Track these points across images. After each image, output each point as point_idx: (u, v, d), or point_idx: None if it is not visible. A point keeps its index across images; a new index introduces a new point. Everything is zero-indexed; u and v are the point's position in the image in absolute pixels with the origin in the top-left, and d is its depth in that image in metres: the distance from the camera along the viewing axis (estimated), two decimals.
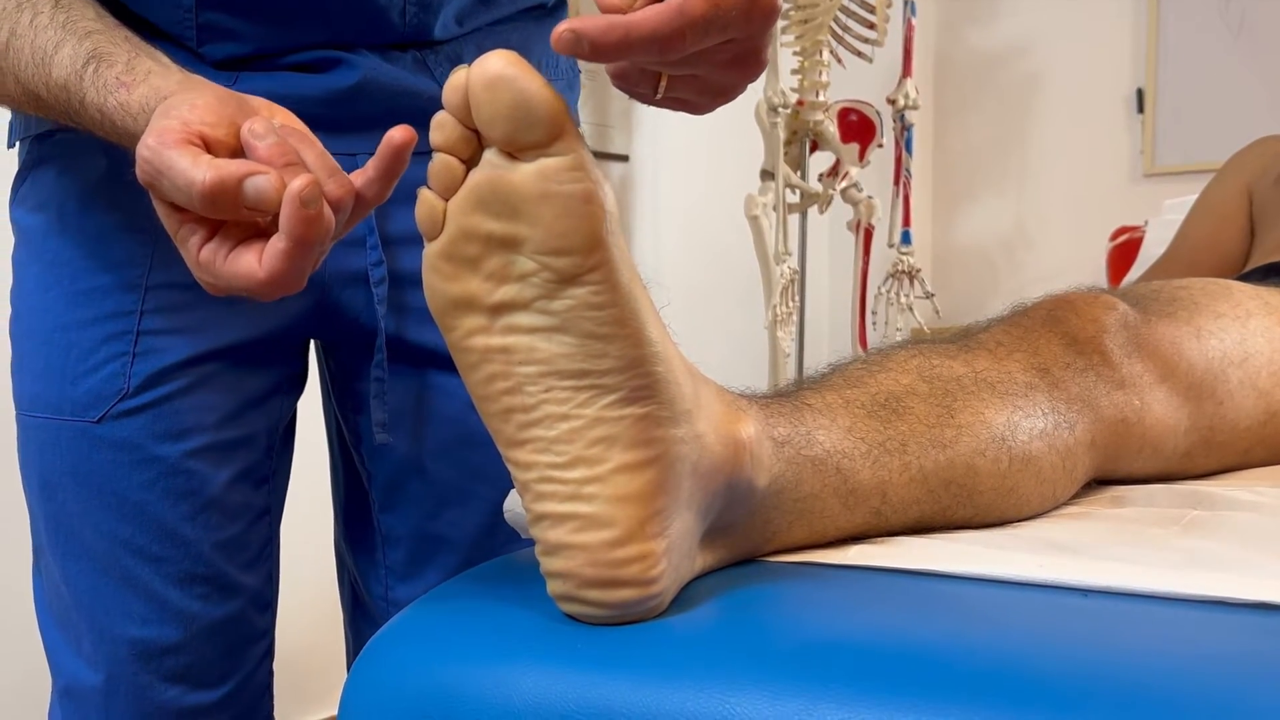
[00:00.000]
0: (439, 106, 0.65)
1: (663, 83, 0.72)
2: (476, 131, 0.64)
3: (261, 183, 0.72)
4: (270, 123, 0.77)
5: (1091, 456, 0.97)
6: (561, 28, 0.65)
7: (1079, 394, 0.96)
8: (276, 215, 0.73)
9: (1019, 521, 0.91)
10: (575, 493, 0.66)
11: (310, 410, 1.21)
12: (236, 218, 0.75)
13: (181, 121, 0.76)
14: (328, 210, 0.74)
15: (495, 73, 0.62)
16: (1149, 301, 1.11)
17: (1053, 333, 1.00)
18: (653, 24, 0.65)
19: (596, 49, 0.66)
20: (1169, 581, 0.70)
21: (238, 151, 0.76)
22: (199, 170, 0.72)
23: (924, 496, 0.85)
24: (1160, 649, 0.62)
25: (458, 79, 0.63)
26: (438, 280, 0.67)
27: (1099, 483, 1.04)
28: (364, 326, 1.09)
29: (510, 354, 0.66)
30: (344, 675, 1.22)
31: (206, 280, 0.77)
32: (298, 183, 0.71)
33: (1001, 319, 1.04)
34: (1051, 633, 0.66)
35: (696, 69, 0.70)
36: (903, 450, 0.84)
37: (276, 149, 0.75)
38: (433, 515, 1.14)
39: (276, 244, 0.73)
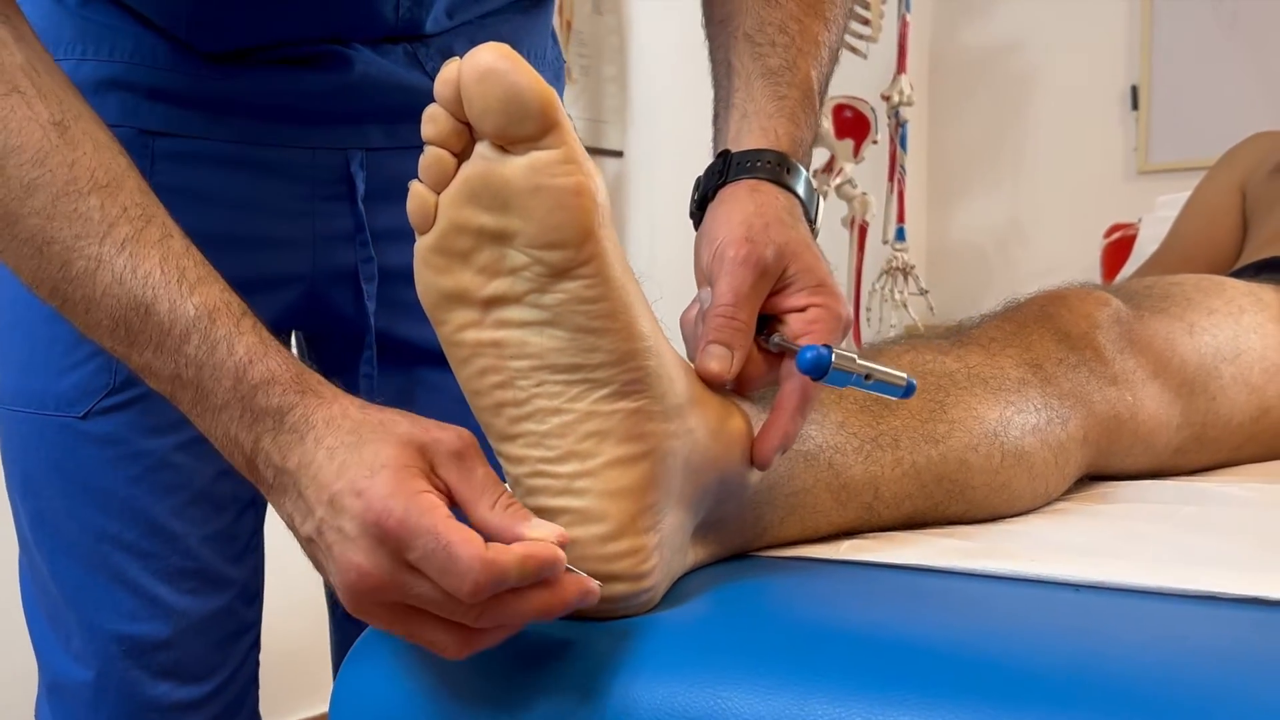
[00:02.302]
0: (430, 101, 0.65)
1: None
2: (468, 124, 0.64)
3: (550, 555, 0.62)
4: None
5: (1084, 452, 0.97)
6: (769, 455, 0.74)
7: (1071, 389, 0.97)
8: None
9: (1011, 517, 0.91)
10: (567, 487, 0.66)
11: None
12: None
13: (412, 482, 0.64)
14: None
15: (487, 65, 0.61)
16: (1142, 297, 1.12)
17: (1045, 328, 1.00)
18: (798, 422, 0.75)
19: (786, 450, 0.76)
20: (1160, 577, 0.70)
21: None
22: (475, 548, 0.60)
23: (916, 491, 0.86)
24: (1150, 644, 0.63)
25: (449, 72, 0.63)
26: (429, 274, 0.67)
27: (1091, 478, 1.04)
28: (352, 321, 1.08)
29: (502, 348, 0.66)
30: (331, 670, 1.22)
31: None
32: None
33: (995, 314, 1.04)
34: (1042, 628, 0.66)
35: None
36: (895, 445, 0.84)
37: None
38: None
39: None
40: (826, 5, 0.92)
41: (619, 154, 3.19)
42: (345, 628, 1.21)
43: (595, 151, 3.12)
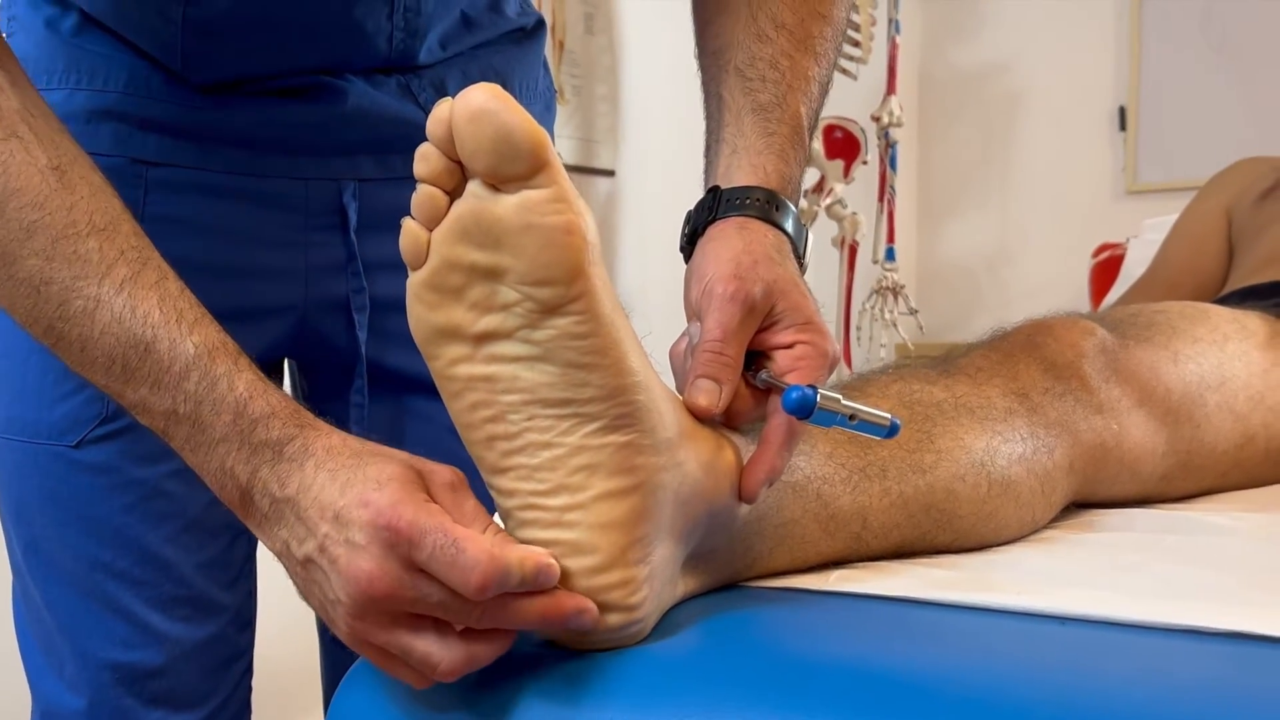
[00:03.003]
0: (423, 133, 0.66)
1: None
2: (460, 163, 0.65)
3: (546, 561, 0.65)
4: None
5: (1070, 480, 0.98)
6: (756, 489, 0.75)
7: (1058, 418, 0.97)
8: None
9: (998, 545, 0.92)
10: (558, 520, 0.67)
11: None
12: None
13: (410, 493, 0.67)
14: None
15: (478, 106, 0.62)
16: (1127, 326, 1.12)
17: (1032, 358, 1.01)
18: (785, 457, 0.75)
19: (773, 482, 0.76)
20: (1144, 610, 0.71)
21: None
22: (482, 543, 0.63)
23: (904, 521, 0.86)
24: (1135, 679, 0.63)
25: (441, 111, 0.64)
26: (422, 309, 0.68)
27: (1078, 505, 1.04)
28: (343, 351, 1.08)
29: (493, 383, 0.67)
30: (321, 697, 1.22)
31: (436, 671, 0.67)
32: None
33: (982, 343, 1.05)
34: (1029, 662, 0.66)
35: None
36: (883, 475, 0.85)
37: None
38: None
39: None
40: (818, 40, 0.93)
41: (611, 173, 3.19)
42: (336, 655, 1.21)
43: (587, 170, 3.12)
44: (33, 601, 1.06)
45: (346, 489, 0.66)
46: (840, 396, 0.72)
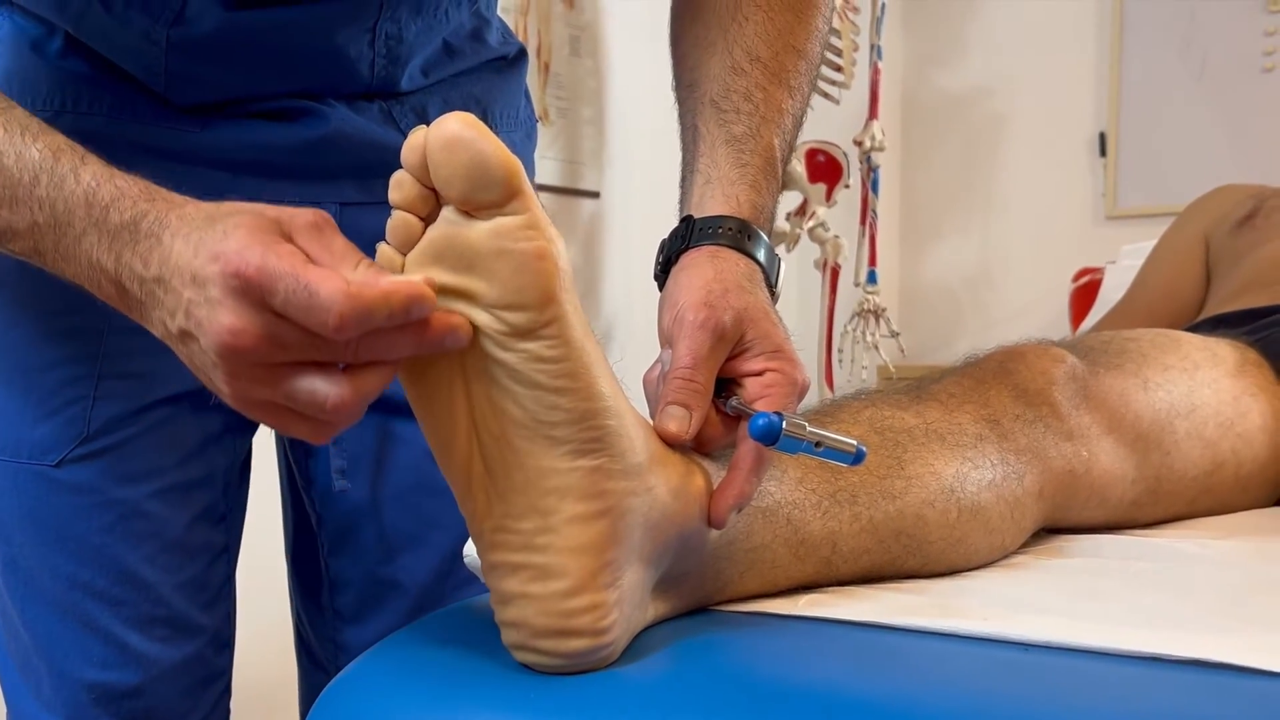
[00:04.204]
0: None
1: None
2: (434, 190, 0.65)
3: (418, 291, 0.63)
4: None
5: (1040, 507, 0.99)
6: (724, 514, 0.75)
7: (1028, 445, 0.98)
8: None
9: (967, 571, 0.92)
10: (528, 543, 0.67)
11: (264, 441, 1.20)
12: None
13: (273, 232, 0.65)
14: None
15: (452, 134, 0.63)
16: (1098, 354, 1.13)
17: (1003, 384, 1.02)
18: (753, 482, 0.76)
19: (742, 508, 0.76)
20: (1109, 637, 0.71)
21: None
22: (336, 282, 0.61)
23: (874, 546, 0.86)
24: (1099, 707, 0.64)
25: (416, 139, 0.64)
26: None
27: (1047, 531, 1.05)
28: None
29: (469, 404, 0.67)
30: (299, 713, 1.22)
31: (331, 415, 0.66)
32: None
33: (954, 369, 1.05)
34: (992, 688, 0.67)
35: None
36: (853, 501, 0.85)
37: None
38: (385, 560, 1.14)
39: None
40: (791, 74, 0.94)
41: (595, 194, 3.20)
42: (314, 677, 1.21)
43: (572, 192, 3.13)
44: (10, 620, 1.05)
45: (199, 248, 0.65)
46: (806, 423, 0.72)
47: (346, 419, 0.66)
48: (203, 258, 0.65)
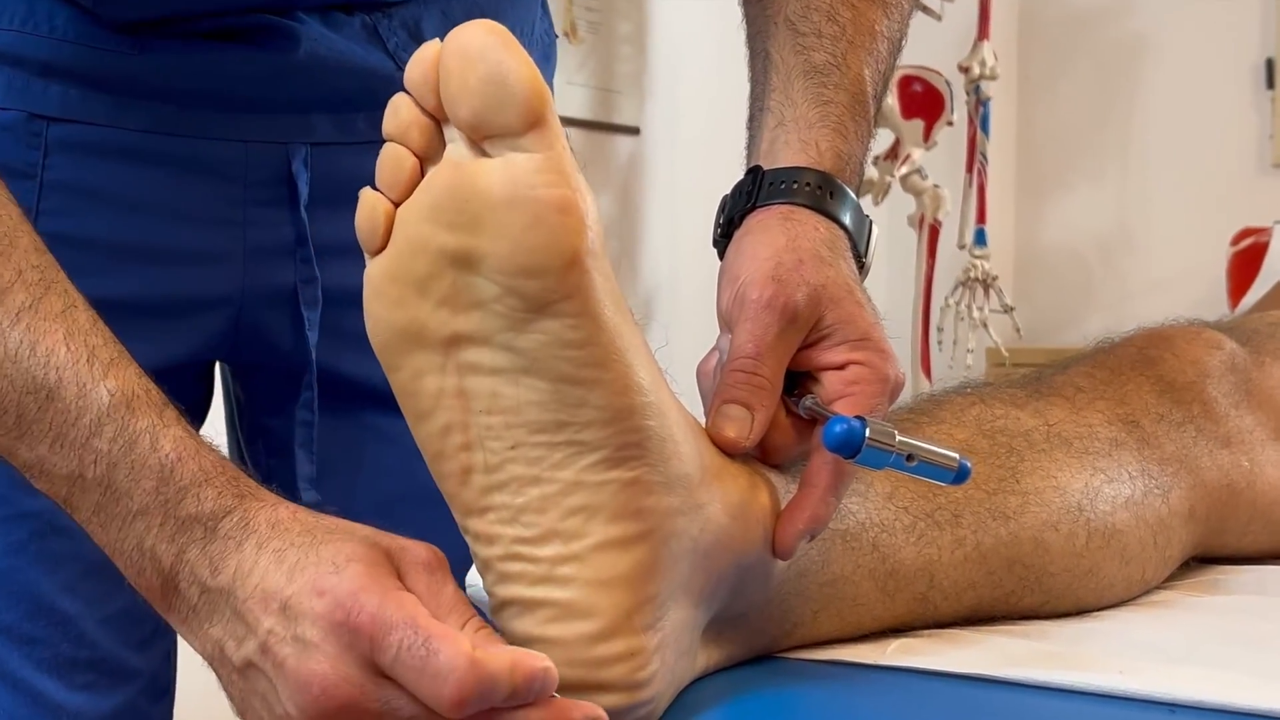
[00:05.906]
0: (392, 90, 0.66)
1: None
2: (438, 121, 0.65)
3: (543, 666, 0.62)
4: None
5: (1190, 530, 0.98)
6: (793, 540, 0.74)
7: (1175, 453, 0.97)
8: None
9: (1098, 610, 0.92)
10: (548, 574, 0.67)
11: (216, 437, 1.19)
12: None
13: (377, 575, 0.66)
14: None
15: (473, 42, 0.63)
16: (1264, 338, 1.12)
17: (1144, 377, 1.01)
18: (830, 503, 0.75)
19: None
20: (1276, 698, 0.70)
21: None
22: (460, 644, 0.61)
23: (981, 579, 0.86)
24: None
25: (427, 51, 0.64)
26: (380, 307, 0.68)
27: (1199, 561, 1.04)
28: (288, 354, 1.08)
29: (468, 401, 0.67)
30: None
31: None
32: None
33: (1083, 358, 1.05)
34: None
35: None
36: (955, 523, 0.85)
37: None
38: None
39: None
40: None
41: (635, 130, 3.20)
42: None
43: (605, 127, 3.12)
44: None
45: (296, 573, 0.65)
46: (896, 431, 0.72)
47: None
48: (301, 586, 0.64)
